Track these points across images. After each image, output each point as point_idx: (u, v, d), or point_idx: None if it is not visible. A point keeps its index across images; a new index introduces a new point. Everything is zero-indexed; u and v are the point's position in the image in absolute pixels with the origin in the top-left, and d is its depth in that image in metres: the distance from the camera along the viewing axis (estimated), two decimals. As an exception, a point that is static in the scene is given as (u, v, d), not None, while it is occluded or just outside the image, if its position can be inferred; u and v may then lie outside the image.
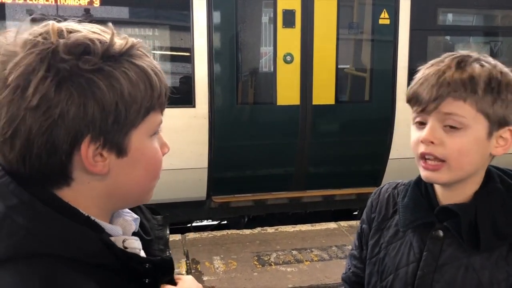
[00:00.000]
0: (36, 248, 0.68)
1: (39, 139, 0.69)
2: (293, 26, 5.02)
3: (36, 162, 0.70)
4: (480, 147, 1.03)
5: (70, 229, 0.71)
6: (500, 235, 1.04)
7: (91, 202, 0.76)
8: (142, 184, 0.80)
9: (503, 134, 1.04)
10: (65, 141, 0.69)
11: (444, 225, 1.09)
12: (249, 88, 5.14)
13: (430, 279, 1.09)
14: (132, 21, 4.97)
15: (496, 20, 5.99)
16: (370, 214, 1.28)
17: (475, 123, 1.01)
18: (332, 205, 5.65)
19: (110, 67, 0.70)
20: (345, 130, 5.32)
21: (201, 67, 4.80)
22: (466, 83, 1.00)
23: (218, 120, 4.91)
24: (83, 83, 0.68)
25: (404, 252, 1.15)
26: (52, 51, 0.68)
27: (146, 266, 0.78)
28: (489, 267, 1.05)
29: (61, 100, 0.68)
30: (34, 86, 0.67)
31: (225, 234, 4.87)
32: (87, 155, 0.71)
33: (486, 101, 1.00)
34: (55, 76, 0.67)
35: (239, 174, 5.21)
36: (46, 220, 0.70)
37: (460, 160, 1.03)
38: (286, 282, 3.88)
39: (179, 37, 5.03)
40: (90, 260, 0.71)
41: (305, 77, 5.10)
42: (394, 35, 5.25)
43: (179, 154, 4.81)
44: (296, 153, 5.25)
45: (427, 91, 1.03)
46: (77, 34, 0.71)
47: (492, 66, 1.03)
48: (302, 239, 4.71)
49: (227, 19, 4.90)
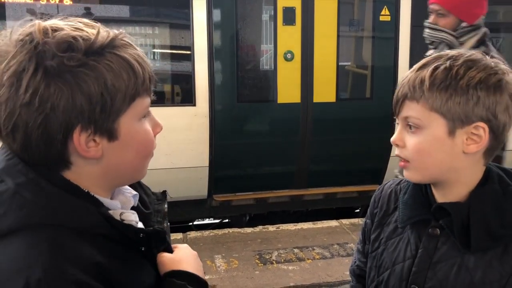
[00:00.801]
0: (43, 220, 0.77)
1: (35, 131, 0.76)
2: (293, 23, 5.00)
3: (36, 151, 0.79)
4: (442, 146, 1.03)
5: (71, 203, 0.80)
6: (493, 236, 1.03)
7: (90, 182, 0.84)
8: (134, 163, 0.88)
9: (475, 130, 1.01)
10: (58, 131, 0.77)
11: (439, 223, 1.09)
12: (249, 86, 5.13)
13: (423, 276, 1.10)
14: (132, 20, 4.96)
15: (498, 16, 5.96)
16: (373, 210, 1.30)
17: (431, 123, 1.02)
18: (334, 203, 5.64)
19: (93, 61, 0.77)
20: (346, 127, 5.31)
21: (201, 65, 4.79)
22: (416, 85, 1.02)
23: (218, 119, 4.90)
24: (69, 78, 0.75)
25: (401, 248, 1.16)
26: (39, 50, 0.75)
27: (140, 235, 0.87)
28: (482, 267, 1.04)
29: (50, 95, 0.75)
30: (25, 84, 0.74)
31: (227, 232, 4.86)
32: (79, 142, 0.79)
33: (437, 101, 1.00)
34: (43, 74, 0.74)
35: (240, 173, 5.20)
36: (50, 195, 0.78)
37: (422, 160, 1.05)
38: (287, 280, 3.87)
39: (179, 35, 5.02)
40: (90, 230, 0.80)
41: (306, 75, 5.08)
42: (395, 32, 5.23)
43: (180, 153, 4.81)
44: (297, 151, 5.24)
45: (394, 95, 1.08)
46: (61, 32, 0.77)
47: (457, 67, 1.00)
48: (303, 237, 4.70)
49: (227, 17, 4.89)
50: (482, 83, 1.00)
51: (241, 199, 5.22)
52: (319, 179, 5.38)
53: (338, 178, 5.41)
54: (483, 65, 1.02)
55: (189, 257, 0.97)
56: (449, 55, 1.05)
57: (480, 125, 1.01)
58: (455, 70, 1.00)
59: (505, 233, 1.03)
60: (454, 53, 1.05)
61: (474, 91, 0.99)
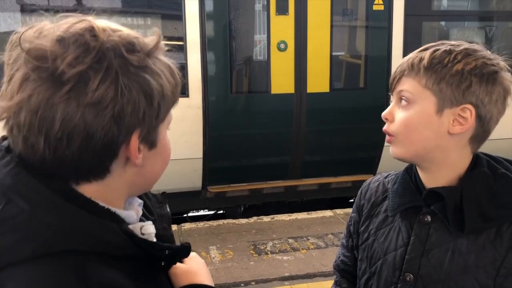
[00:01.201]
0: (66, 246, 0.69)
1: (97, 135, 0.69)
2: (286, 13, 4.97)
3: (91, 157, 0.71)
4: (429, 123, 1.06)
5: (94, 224, 0.72)
6: (485, 218, 1.04)
7: (117, 193, 0.79)
8: (159, 173, 0.85)
9: (462, 113, 1.04)
10: (120, 135, 0.71)
11: (431, 209, 1.10)
12: (243, 77, 5.11)
13: (417, 263, 1.11)
14: (123, 10, 4.91)
15: (491, 5, 5.96)
16: (359, 202, 1.32)
17: (422, 99, 1.06)
18: (328, 193, 5.66)
19: (152, 64, 0.73)
20: (340, 117, 5.30)
21: (194, 56, 4.75)
22: (414, 62, 1.07)
23: (212, 110, 4.88)
24: (137, 79, 0.71)
25: (392, 237, 1.17)
26: (108, 48, 0.69)
27: (166, 252, 0.81)
28: (475, 250, 1.05)
29: (119, 96, 0.69)
30: (96, 83, 0.67)
31: (221, 223, 4.87)
32: (135, 149, 0.74)
33: (431, 79, 1.04)
34: (115, 73, 0.69)
35: (235, 164, 5.19)
36: (71, 217, 0.70)
37: (408, 134, 1.08)
38: (282, 270, 3.88)
39: (171, 26, 4.98)
40: (115, 252, 0.73)
41: (299, 65, 5.06)
42: (389, 21, 5.21)
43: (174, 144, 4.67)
44: (291, 142, 5.24)
45: (393, 73, 1.12)
46: (123, 32, 0.73)
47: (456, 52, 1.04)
48: (298, 228, 4.72)
49: (219, 7, 4.85)
50: (477, 69, 1.03)
51: (235, 190, 5.22)
52: (314, 170, 5.39)
53: (333, 168, 5.42)
54: (482, 55, 1.05)
55: (202, 268, 0.94)
56: (452, 43, 1.08)
57: (467, 107, 1.04)
58: (454, 54, 1.04)
59: (498, 214, 1.04)
60: (457, 42, 1.09)
61: (468, 75, 1.02)
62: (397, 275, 1.13)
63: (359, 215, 1.31)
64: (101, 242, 0.72)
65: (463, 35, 5.90)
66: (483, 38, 5.78)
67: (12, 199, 0.70)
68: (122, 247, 0.74)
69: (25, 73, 0.67)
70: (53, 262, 0.68)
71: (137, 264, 0.77)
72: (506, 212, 1.04)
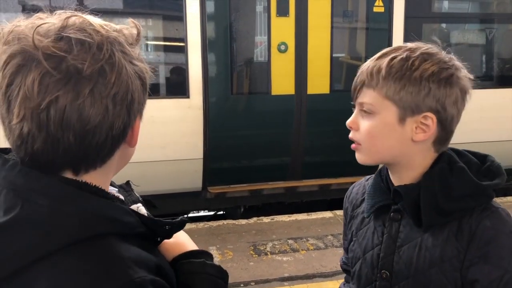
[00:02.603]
0: (92, 231, 0.72)
1: (117, 123, 0.75)
2: (287, 14, 4.98)
3: (109, 145, 0.76)
4: (392, 132, 1.08)
5: (109, 207, 0.76)
6: (441, 212, 1.06)
7: (108, 176, 0.83)
8: (132, 154, 0.89)
9: (424, 120, 1.06)
10: (131, 121, 0.78)
11: (398, 206, 1.13)
12: (243, 78, 5.12)
13: (391, 261, 1.14)
14: (125, 11, 4.92)
15: (491, 7, 5.97)
16: (345, 205, 1.36)
17: (383, 109, 1.07)
18: (328, 194, 5.66)
19: (140, 55, 0.80)
20: (340, 119, 5.27)
21: (195, 57, 4.76)
22: (373, 72, 1.08)
23: (212, 111, 4.89)
24: (136, 69, 0.77)
25: (369, 236, 1.20)
26: (115, 42, 0.74)
27: (166, 227, 0.86)
28: (439, 245, 1.07)
29: (130, 85, 0.75)
30: (113, 78, 0.73)
31: (221, 224, 4.88)
32: (138, 130, 0.82)
33: (391, 89, 1.06)
34: (123, 66, 0.74)
35: (235, 164, 5.20)
36: (87, 203, 0.74)
37: (372, 143, 1.11)
38: (282, 271, 3.89)
39: (172, 27, 4.99)
40: (131, 231, 0.78)
41: (300, 66, 5.07)
42: (389, 23, 5.23)
43: (174, 145, 4.80)
44: (291, 143, 5.25)
45: (354, 81, 1.14)
46: (115, 26, 0.78)
47: (413, 59, 1.05)
48: (298, 229, 4.73)
49: (220, 9, 4.86)
50: (435, 75, 1.05)
51: (235, 191, 5.22)
52: (314, 171, 5.40)
53: (333, 169, 5.42)
54: (438, 59, 1.07)
55: (188, 238, 1.00)
56: (407, 47, 1.10)
57: (428, 115, 1.06)
58: (410, 61, 1.06)
59: (454, 207, 1.06)
60: (413, 45, 1.10)
61: (426, 82, 1.05)
62: (376, 273, 1.17)
63: (346, 218, 1.35)
64: (120, 223, 0.76)
65: (463, 37, 5.91)
66: (483, 40, 5.79)
67: (29, 197, 0.72)
68: (136, 226, 0.79)
69: (42, 72, 0.69)
70: (84, 249, 0.71)
71: (145, 242, 0.82)
72: (461, 204, 1.06)
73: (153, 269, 0.76)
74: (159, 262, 0.80)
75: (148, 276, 0.72)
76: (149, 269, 0.75)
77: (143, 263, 0.75)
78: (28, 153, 0.73)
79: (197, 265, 0.91)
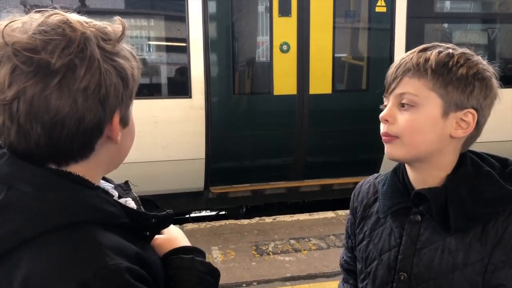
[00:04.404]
0: (72, 218, 0.76)
1: (87, 116, 0.77)
2: (289, 14, 4.98)
3: (82, 138, 0.78)
4: (434, 126, 1.06)
5: (91, 196, 0.79)
6: (470, 217, 1.06)
7: (96, 170, 0.85)
8: (128, 150, 0.91)
9: (465, 117, 1.06)
10: (106, 116, 0.79)
11: (420, 209, 1.12)
12: (245, 78, 5.12)
13: (410, 263, 1.13)
14: (127, 12, 4.93)
15: (494, 7, 5.96)
16: (353, 205, 1.34)
17: (428, 102, 1.05)
18: (330, 194, 5.66)
19: (121, 50, 0.82)
20: (342, 119, 5.31)
21: (196, 57, 4.77)
22: (420, 63, 1.06)
23: (214, 111, 4.90)
24: (114, 65, 0.79)
25: (386, 238, 1.19)
26: (89, 38, 0.76)
27: (152, 221, 0.88)
28: (463, 248, 1.07)
29: (103, 81, 0.77)
30: (83, 71, 0.75)
31: (223, 224, 4.88)
32: (117, 127, 0.82)
33: (439, 82, 1.04)
34: (97, 60, 0.76)
35: (237, 165, 5.21)
36: (72, 192, 0.78)
37: (413, 137, 1.07)
38: (284, 271, 3.89)
39: (174, 27, 4.99)
40: (114, 221, 0.80)
41: (302, 67, 5.07)
42: (391, 23, 5.22)
43: (176, 145, 4.81)
44: (293, 143, 5.25)
45: (390, 73, 1.11)
46: (95, 22, 0.80)
47: (457, 56, 1.06)
48: (300, 229, 4.73)
49: (222, 9, 4.86)
50: (479, 74, 1.06)
51: (237, 191, 5.23)
52: (316, 171, 5.39)
53: (335, 169, 5.42)
54: (478, 60, 1.08)
55: (181, 234, 1.01)
56: (446, 45, 1.10)
57: (471, 112, 1.06)
58: (456, 58, 1.06)
59: (481, 212, 1.06)
60: (450, 45, 1.10)
61: (472, 80, 1.05)
62: (392, 275, 1.16)
63: (354, 217, 1.33)
64: (101, 212, 0.79)
65: (465, 37, 5.90)
66: (485, 40, 5.78)
67: (14, 185, 0.76)
68: (119, 216, 0.81)
69: (13, 66, 0.73)
70: (63, 235, 0.74)
71: (128, 234, 0.84)
72: (489, 209, 1.06)
73: (132, 258, 0.78)
74: (142, 253, 0.81)
75: (124, 263, 0.74)
76: (128, 257, 0.76)
77: (121, 251, 0.76)
78: (7, 144, 0.78)
79: (186, 261, 0.92)
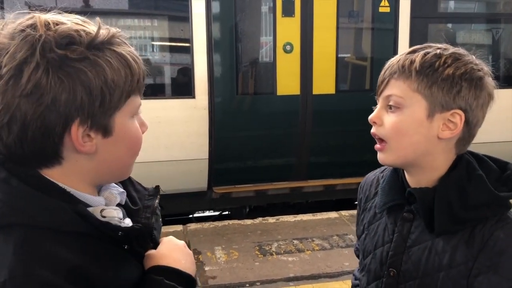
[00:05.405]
0: (13, 220, 0.77)
1: (34, 123, 0.76)
2: (292, 15, 4.99)
3: (31, 144, 0.78)
4: (420, 127, 1.07)
5: (43, 202, 0.79)
6: (455, 220, 1.06)
7: (79, 177, 0.84)
8: (124, 160, 0.89)
9: (452, 118, 1.06)
10: (57, 124, 0.77)
11: (411, 208, 1.13)
12: (249, 78, 5.12)
13: (400, 260, 1.14)
14: (131, 12, 4.94)
15: (498, 7, 5.94)
16: (359, 196, 1.35)
17: (413, 103, 1.06)
18: (333, 194, 5.65)
19: (94, 56, 0.78)
20: (346, 119, 5.30)
21: (200, 57, 4.78)
22: (405, 65, 1.07)
23: (218, 111, 4.90)
24: (71, 71, 0.76)
25: (380, 233, 1.20)
26: (42, 43, 0.75)
27: (119, 233, 0.85)
28: (449, 250, 1.07)
29: (52, 87, 0.75)
30: (27, 76, 0.74)
31: (227, 224, 4.88)
32: (77, 137, 0.79)
33: (423, 83, 1.05)
34: (46, 66, 0.74)
35: (240, 165, 5.21)
36: (20, 194, 0.78)
37: (399, 140, 1.08)
38: (287, 271, 3.89)
39: (178, 27, 5.00)
40: (63, 228, 0.79)
41: (305, 67, 5.07)
42: (395, 23, 5.22)
43: (180, 145, 4.82)
44: (296, 143, 5.24)
45: (380, 75, 1.13)
46: (63, 26, 0.78)
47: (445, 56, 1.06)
48: (303, 229, 4.72)
49: (226, 9, 4.87)
50: (467, 75, 1.05)
51: (241, 191, 5.23)
52: (319, 171, 5.39)
53: (338, 170, 5.41)
54: (469, 60, 1.07)
55: (172, 251, 0.94)
56: (438, 46, 1.10)
57: (457, 113, 1.06)
58: (443, 58, 1.06)
59: (468, 216, 1.06)
60: (443, 45, 1.11)
61: (459, 80, 1.05)
62: (384, 270, 1.17)
63: (359, 207, 1.35)
64: (46, 217, 0.78)
65: (469, 37, 5.88)
66: (489, 41, 5.76)
67: None
68: (71, 224, 0.80)
69: None
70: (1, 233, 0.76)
71: (96, 244, 0.83)
72: (476, 213, 1.06)
73: (61, 271, 0.75)
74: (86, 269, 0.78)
75: (43, 276, 0.73)
76: (54, 270, 0.74)
77: (49, 262, 0.75)
78: None
79: (154, 282, 0.88)
